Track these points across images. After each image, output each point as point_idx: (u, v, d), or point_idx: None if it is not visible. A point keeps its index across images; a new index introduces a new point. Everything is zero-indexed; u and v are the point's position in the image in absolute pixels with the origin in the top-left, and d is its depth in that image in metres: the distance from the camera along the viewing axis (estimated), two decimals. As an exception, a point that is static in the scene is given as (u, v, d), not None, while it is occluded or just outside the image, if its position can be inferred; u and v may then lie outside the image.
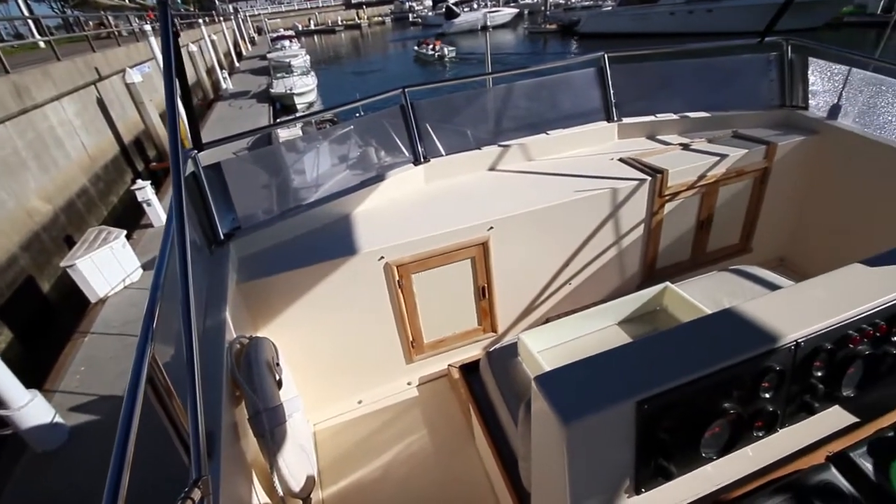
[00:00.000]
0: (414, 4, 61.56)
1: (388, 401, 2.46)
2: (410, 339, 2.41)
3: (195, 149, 1.97)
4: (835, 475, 0.87)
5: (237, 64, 30.09)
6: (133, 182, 7.55)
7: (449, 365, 2.46)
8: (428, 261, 2.24)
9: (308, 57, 23.54)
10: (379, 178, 2.56)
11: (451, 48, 27.88)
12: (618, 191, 2.48)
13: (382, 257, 2.16)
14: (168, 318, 1.03)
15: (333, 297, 2.16)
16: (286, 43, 26.89)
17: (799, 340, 0.94)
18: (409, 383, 2.52)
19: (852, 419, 1.04)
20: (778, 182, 2.73)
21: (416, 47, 29.90)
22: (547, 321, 2.44)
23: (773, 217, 2.87)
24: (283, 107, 18.39)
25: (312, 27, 58.30)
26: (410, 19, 55.40)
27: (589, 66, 2.97)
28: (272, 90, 18.49)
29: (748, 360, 0.90)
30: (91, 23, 21.40)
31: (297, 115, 15.42)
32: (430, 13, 51.63)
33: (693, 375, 0.87)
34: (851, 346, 0.98)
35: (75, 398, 4.15)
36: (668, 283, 1.91)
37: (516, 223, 2.34)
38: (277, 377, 1.66)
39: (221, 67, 23.76)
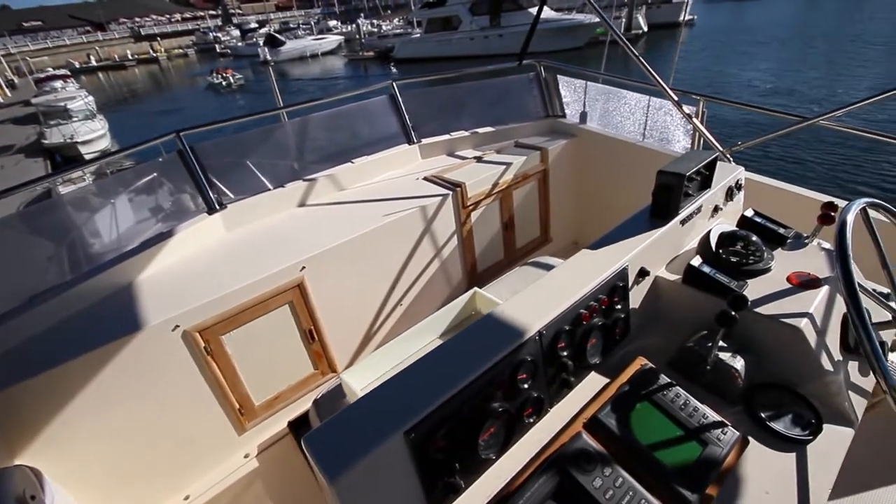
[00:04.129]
0: (220, 35, 57.38)
1: (223, 484, 2.15)
2: (237, 406, 2.15)
3: None
4: (586, 441, 1.00)
5: (-11, 113, 24.18)
6: None
7: (288, 422, 2.27)
8: (238, 317, 2.03)
9: (92, 98, 20.23)
10: (166, 234, 2.25)
11: (238, 75, 28.89)
12: (426, 207, 2.60)
13: (177, 326, 1.88)
14: None
15: (121, 386, 1.81)
16: (58, 84, 22.64)
17: (541, 329, 1.07)
18: (246, 456, 2.25)
19: (604, 381, 1.23)
20: (556, 180, 3.20)
21: (208, 77, 30.36)
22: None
23: (560, 209, 3.35)
24: (65, 159, 15.34)
25: (94, 64, 49.97)
26: (218, 50, 51.26)
27: (382, 93, 3.09)
28: (45, 141, 15.34)
29: (502, 360, 0.99)
30: None
31: (49, 174, 12.85)
32: (239, 43, 48.66)
33: (453, 390, 0.91)
34: (585, 322, 1.16)
35: None
36: (476, 288, 2.06)
37: (331, 257, 2.28)
38: (34, 515, 1.30)
39: (-36, 119, 18.81)
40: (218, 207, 2.42)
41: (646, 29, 27.81)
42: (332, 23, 49.91)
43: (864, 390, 1.22)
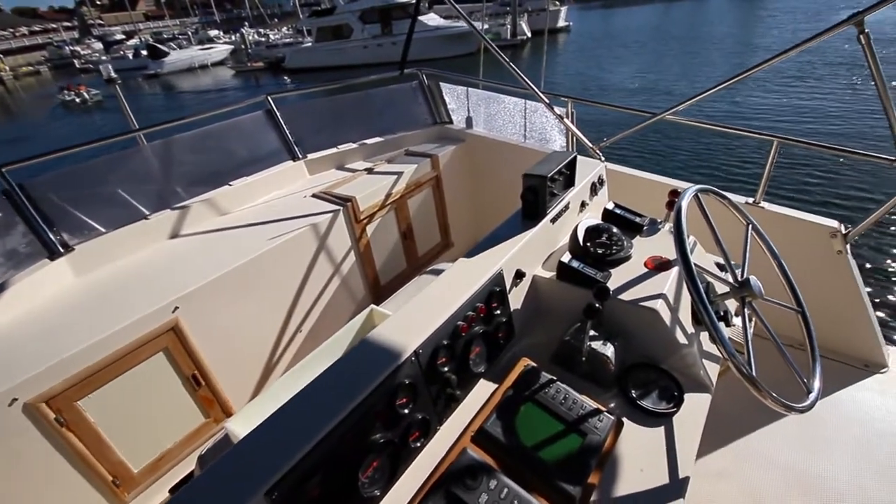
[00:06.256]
0: (79, 49, 50.57)
1: None
2: (110, 478, 1.86)
3: None
4: (471, 455, 0.99)
5: None
6: None
7: (170, 489, 2.01)
8: (97, 376, 1.76)
9: None
10: (-5, 290, 1.89)
11: (94, 91, 26.58)
12: (317, 226, 2.48)
13: (15, 399, 1.58)
14: None
15: None
16: None
17: (417, 349, 1.03)
18: None
19: (493, 388, 1.24)
20: (449, 185, 3.24)
21: (58, 95, 27.21)
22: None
23: (457, 213, 3.40)
24: None
25: (-90, 87, 41.40)
26: (78, 66, 45.07)
27: (258, 108, 2.90)
28: None
29: (377, 388, 0.94)
30: None
31: None
32: (103, 57, 43.33)
33: (323, 432, 0.84)
34: (464, 333, 1.15)
35: None
36: (372, 305, 2.00)
37: (211, 291, 2.07)
38: None
39: None
40: (62, 250, 2.09)
41: (529, 35, 29.65)
42: (214, 32, 46.41)
43: (716, 356, 1.36)
